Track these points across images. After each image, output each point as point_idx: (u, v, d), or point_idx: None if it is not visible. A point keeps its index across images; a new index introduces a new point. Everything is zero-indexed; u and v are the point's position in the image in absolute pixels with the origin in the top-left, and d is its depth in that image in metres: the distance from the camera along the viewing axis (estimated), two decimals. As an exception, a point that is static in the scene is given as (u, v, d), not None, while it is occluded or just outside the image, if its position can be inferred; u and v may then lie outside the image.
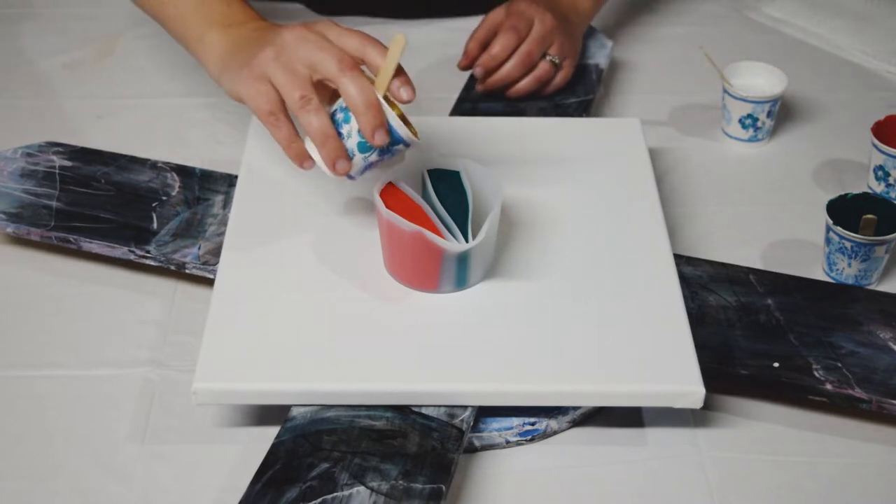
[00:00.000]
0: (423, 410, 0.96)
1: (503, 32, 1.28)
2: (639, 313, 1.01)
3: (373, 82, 0.97)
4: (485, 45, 1.30)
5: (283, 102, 0.98)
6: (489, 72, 1.29)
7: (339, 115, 0.98)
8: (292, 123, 0.99)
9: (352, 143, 0.98)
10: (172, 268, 1.10)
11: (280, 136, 0.99)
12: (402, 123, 0.98)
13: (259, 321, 1.00)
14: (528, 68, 1.29)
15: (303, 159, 0.99)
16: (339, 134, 0.98)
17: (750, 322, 1.04)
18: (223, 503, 0.93)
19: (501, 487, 0.96)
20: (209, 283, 1.09)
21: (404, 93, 0.97)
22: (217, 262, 1.06)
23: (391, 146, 0.99)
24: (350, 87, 0.95)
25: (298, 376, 0.96)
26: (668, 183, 1.26)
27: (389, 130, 0.97)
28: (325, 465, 0.91)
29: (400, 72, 0.97)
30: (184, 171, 1.19)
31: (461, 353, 0.97)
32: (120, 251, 1.11)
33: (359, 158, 0.99)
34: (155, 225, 1.13)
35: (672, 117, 1.36)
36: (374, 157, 0.99)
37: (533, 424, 0.99)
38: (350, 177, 1.00)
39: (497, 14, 1.31)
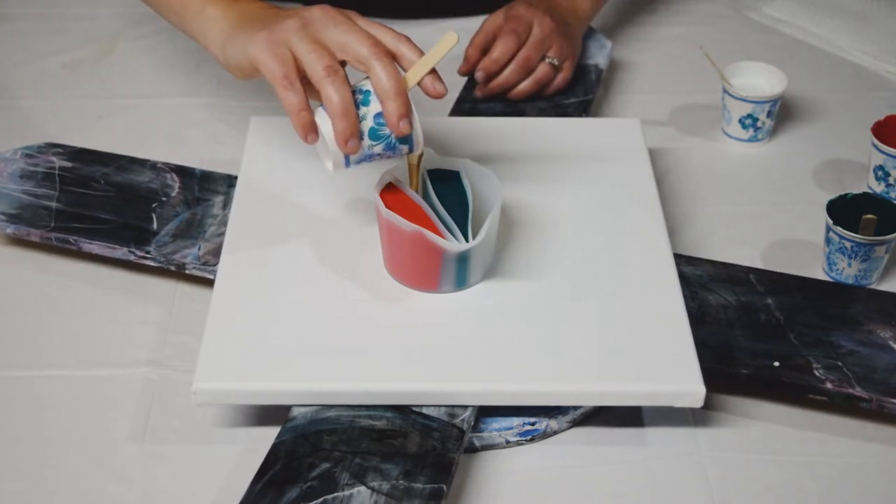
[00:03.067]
0: (424, 410, 0.96)
1: (503, 36, 1.28)
2: (639, 313, 1.01)
3: None
4: (484, 50, 1.30)
5: (298, 71, 0.96)
6: (490, 75, 1.29)
7: (358, 97, 0.96)
8: (305, 92, 0.95)
9: (364, 126, 0.96)
10: (172, 268, 1.10)
11: (290, 103, 0.95)
12: (419, 124, 0.97)
13: (259, 321, 1.00)
14: (527, 73, 1.29)
15: (308, 131, 0.96)
16: None
17: (750, 321, 1.04)
18: (223, 503, 0.93)
19: (501, 487, 0.96)
20: (209, 283, 1.09)
21: (440, 87, 0.97)
22: (217, 263, 1.06)
23: (399, 143, 0.98)
24: (382, 72, 0.94)
25: (298, 376, 0.96)
26: (668, 183, 1.26)
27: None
28: (325, 465, 0.91)
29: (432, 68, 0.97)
30: (183, 172, 1.19)
31: (461, 353, 0.97)
32: (120, 252, 1.11)
33: (365, 144, 0.97)
34: (155, 225, 1.13)
35: (672, 117, 1.36)
36: (379, 148, 0.97)
37: (533, 424, 0.99)
38: (346, 162, 0.98)
39: (495, 18, 1.31)
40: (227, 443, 0.98)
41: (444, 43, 0.97)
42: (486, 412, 0.98)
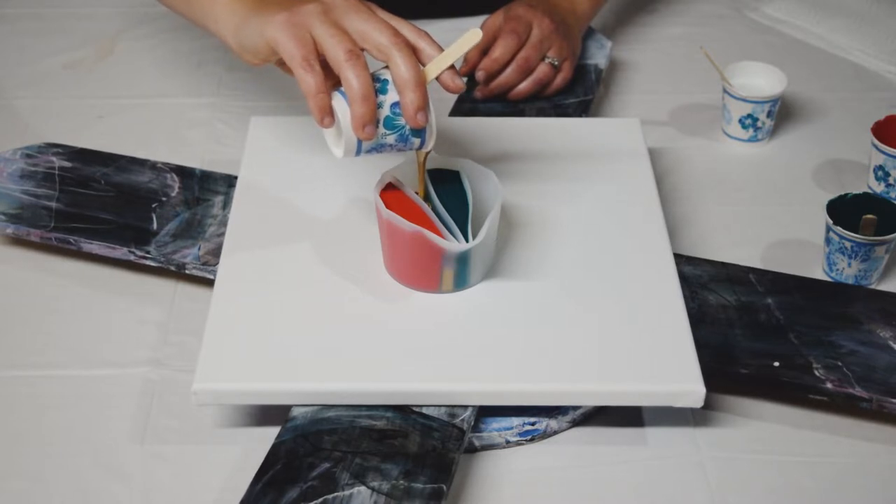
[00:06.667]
0: (424, 410, 0.96)
1: (503, 36, 1.28)
2: (639, 313, 1.01)
3: None
4: (484, 51, 1.30)
5: (318, 54, 0.95)
6: (491, 76, 1.29)
7: (376, 85, 0.95)
8: (324, 75, 0.95)
9: (380, 114, 0.95)
10: (172, 268, 1.10)
11: (308, 85, 0.94)
12: (434, 119, 0.97)
13: (259, 321, 1.00)
14: (527, 73, 1.29)
15: (325, 114, 0.95)
16: None
17: (750, 321, 1.04)
18: (224, 503, 0.93)
19: (501, 487, 0.96)
20: (209, 283, 1.09)
21: (458, 81, 0.96)
22: (217, 263, 1.06)
23: (412, 135, 0.97)
24: (402, 62, 0.93)
25: (299, 376, 0.96)
26: (668, 183, 1.26)
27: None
28: (325, 465, 0.91)
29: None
30: (183, 172, 1.19)
31: (461, 353, 0.97)
32: (120, 252, 1.11)
33: (379, 133, 0.96)
34: (155, 226, 1.13)
35: (672, 117, 1.36)
36: (391, 138, 0.96)
37: (533, 424, 0.99)
38: (357, 150, 0.96)
39: (495, 19, 1.31)
40: (227, 443, 0.98)
41: (466, 39, 0.96)
42: (486, 412, 0.98)
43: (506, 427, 0.98)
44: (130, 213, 1.14)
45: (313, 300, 1.02)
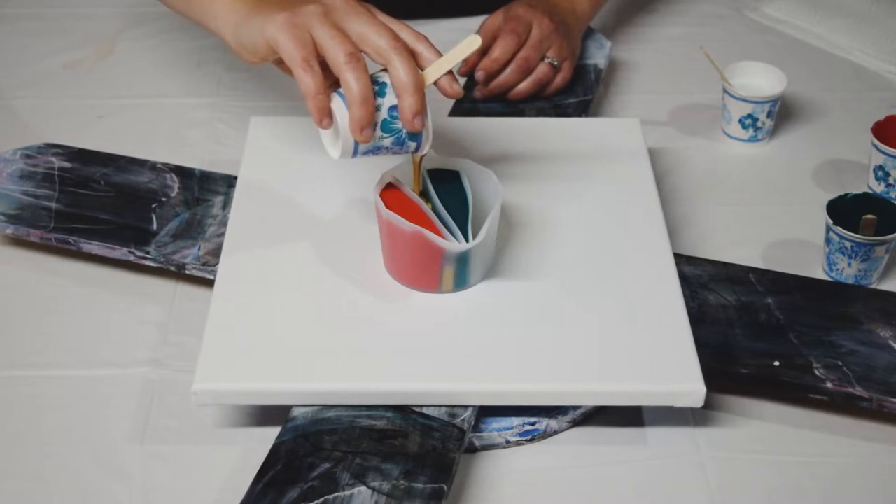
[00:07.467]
0: (424, 410, 0.96)
1: (503, 36, 1.28)
2: (639, 313, 1.01)
3: None
4: (484, 51, 1.30)
5: (318, 55, 0.95)
6: (490, 76, 1.29)
7: (374, 88, 0.95)
8: (323, 76, 0.95)
9: (377, 117, 0.95)
10: (172, 269, 1.10)
11: (308, 85, 0.94)
12: (431, 123, 0.97)
13: (259, 321, 1.00)
14: (527, 73, 1.29)
15: (324, 115, 0.95)
16: None
17: (750, 321, 1.04)
18: (224, 503, 0.93)
19: (501, 487, 0.96)
20: (209, 283, 1.09)
21: (456, 87, 0.97)
22: (217, 263, 1.06)
23: (409, 139, 0.98)
24: (401, 66, 0.94)
25: (299, 376, 0.96)
26: (668, 183, 1.26)
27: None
28: (326, 466, 0.91)
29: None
30: (183, 172, 1.19)
31: (461, 353, 0.97)
32: (119, 252, 1.11)
33: (376, 135, 0.96)
34: (154, 226, 1.13)
35: (672, 117, 1.36)
36: (388, 141, 0.96)
37: (533, 424, 0.99)
38: (354, 152, 0.97)
39: (495, 19, 1.31)
40: (228, 443, 0.98)
41: (465, 45, 0.97)
42: (487, 412, 0.98)
43: (506, 427, 0.98)
44: (130, 214, 1.14)
45: (313, 300, 1.02)
